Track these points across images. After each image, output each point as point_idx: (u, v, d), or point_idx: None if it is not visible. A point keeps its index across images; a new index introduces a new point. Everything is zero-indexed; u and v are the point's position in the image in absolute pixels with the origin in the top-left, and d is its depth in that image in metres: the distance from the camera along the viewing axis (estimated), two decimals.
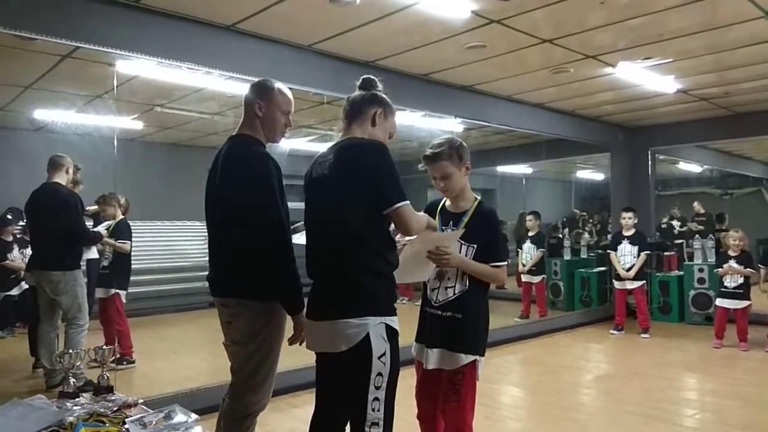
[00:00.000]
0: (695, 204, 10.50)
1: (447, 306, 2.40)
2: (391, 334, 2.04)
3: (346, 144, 2.14)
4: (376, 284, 2.05)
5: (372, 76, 2.29)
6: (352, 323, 1.98)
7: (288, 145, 7.46)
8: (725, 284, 6.05)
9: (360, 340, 1.98)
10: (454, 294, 2.40)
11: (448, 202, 2.58)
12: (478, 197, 2.55)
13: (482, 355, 2.42)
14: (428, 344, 2.43)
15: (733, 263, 5.97)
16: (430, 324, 2.45)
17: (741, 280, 5.95)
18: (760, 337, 5.91)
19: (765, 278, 5.79)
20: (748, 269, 5.92)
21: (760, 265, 5.88)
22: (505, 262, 2.48)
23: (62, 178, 4.45)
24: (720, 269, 6.10)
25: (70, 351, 2.31)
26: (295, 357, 2.83)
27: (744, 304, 5.94)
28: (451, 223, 2.51)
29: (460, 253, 2.40)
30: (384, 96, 2.25)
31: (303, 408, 4.01)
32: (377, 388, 1.99)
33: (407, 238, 2.25)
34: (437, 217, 2.55)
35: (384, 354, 2.00)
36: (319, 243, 2.16)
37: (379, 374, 1.99)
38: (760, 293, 5.90)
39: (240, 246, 2.24)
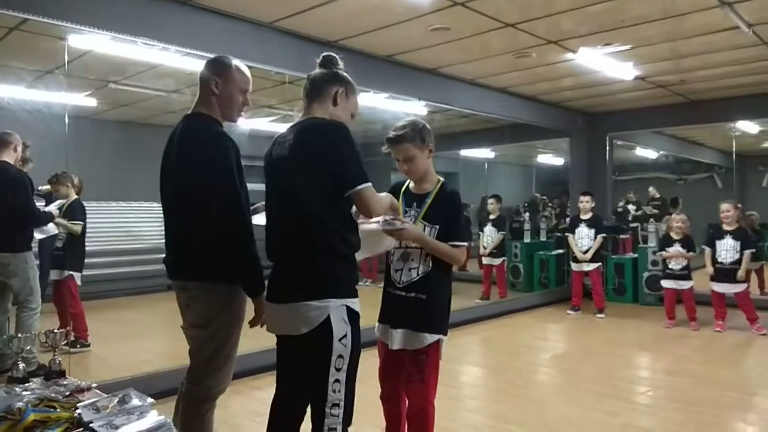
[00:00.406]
0: (650, 189, 10.82)
1: (411, 287, 2.40)
2: (352, 316, 2.03)
3: (307, 124, 2.10)
4: (337, 266, 2.03)
5: (333, 54, 2.23)
6: (312, 305, 1.97)
7: (249, 125, 7.31)
8: (670, 266, 6.28)
9: (321, 323, 1.96)
10: (418, 275, 2.40)
11: (411, 184, 2.57)
12: (442, 179, 2.54)
13: (445, 334, 2.44)
14: (393, 325, 2.43)
15: (678, 247, 6.19)
16: (394, 305, 2.45)
17: (684, 263, 6.20)
18: (709, 317, 6.14)
19: (712, 261, 6.01)
20: (690, 253, 6.16)
21: (704, 246, 6.10)
22: (465, 244, 2.49)
23: (10, 156, 4.26)
24: (663, 252, 6.33)
25: (20, 335, 2.23)
26: (255, 339, 2.80)
27: (688, 284, 6.19)
28: (414, 204, 2.50)
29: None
30: (345, 75, 2.20)
31: (264, 390, 3.99)
32: (338, 369, 1.98)
33: (371, 220, 2.23)
34: (401, 199, 2.54)
35: (345, 336, 1.99)
36: (280, 224, 2.13)
37: (340, 356, 1.98)
38: (701, 275, 6.14)
39: (198, 228, 2.18)
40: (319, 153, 2.01)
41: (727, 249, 5.92)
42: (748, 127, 8.37)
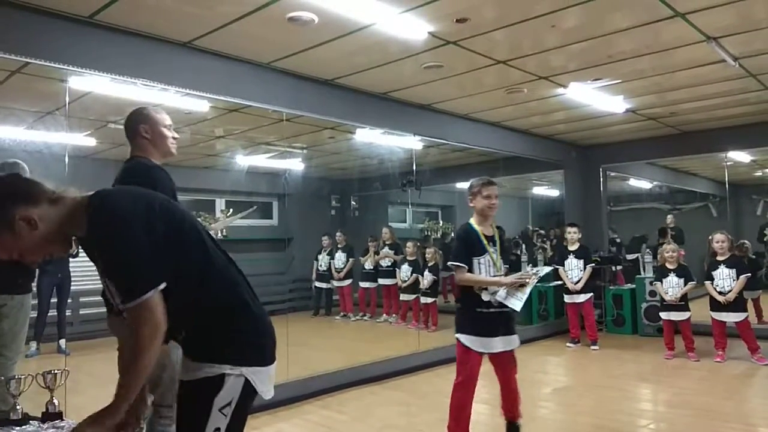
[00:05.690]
0: (668, 217, 10.85)
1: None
2: None
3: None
4: None
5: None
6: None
7: (247, 161, 7.40)
8: (667, 298, 6.28)
9: None
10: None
11: (480, 228, 3.39)
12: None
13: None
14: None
15: (673, 277, 6.22)
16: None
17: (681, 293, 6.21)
18: (709, 347, 6.11)
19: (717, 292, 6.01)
20: (691, 283, 6.18)
21: (705, 282, 6.11)
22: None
23: None
24: (657, 283, 6.40)
25: (17, 376, 2.22)
26: None
27: (686, 315, 6.18)
28: (491, 244, 3.44)
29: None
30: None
31: (262, 430, 3.94)
32: None
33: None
34: (482, 241, 3.40)
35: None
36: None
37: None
38: (700, 304, 6.14)
39: None
40: None
41: (723, 278, 5.94)
42: (740, 156, 8.47)
